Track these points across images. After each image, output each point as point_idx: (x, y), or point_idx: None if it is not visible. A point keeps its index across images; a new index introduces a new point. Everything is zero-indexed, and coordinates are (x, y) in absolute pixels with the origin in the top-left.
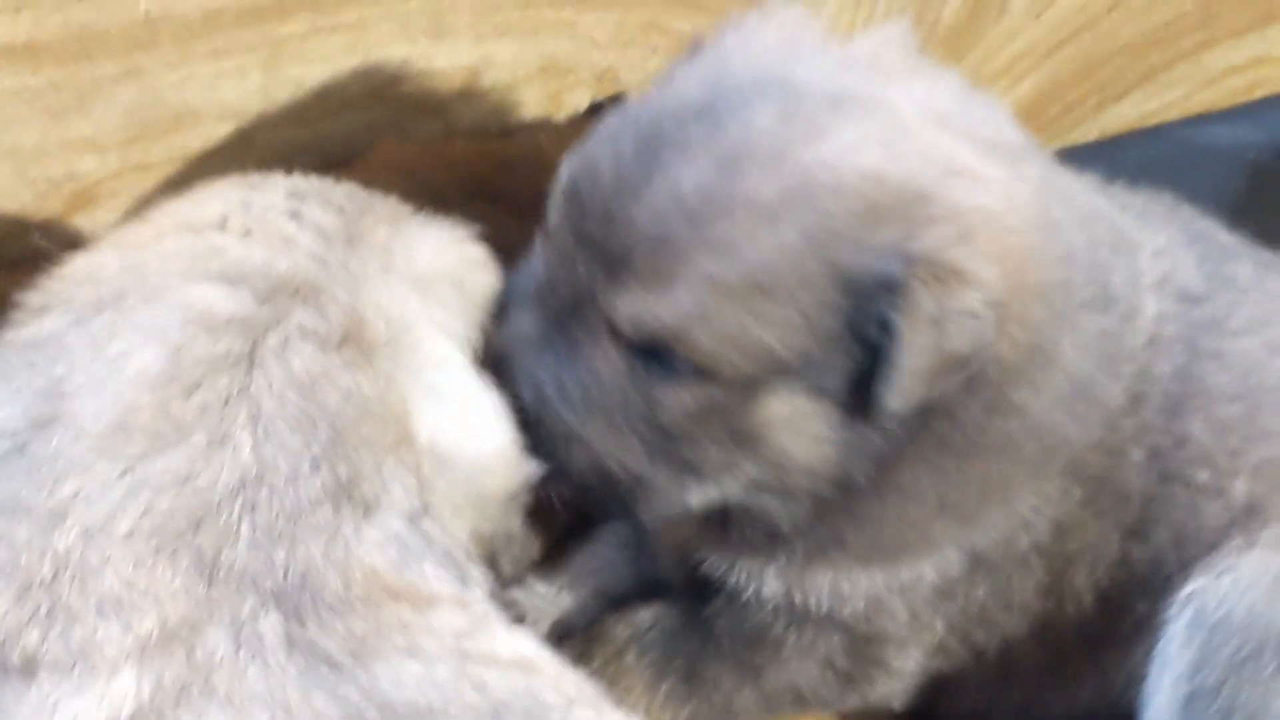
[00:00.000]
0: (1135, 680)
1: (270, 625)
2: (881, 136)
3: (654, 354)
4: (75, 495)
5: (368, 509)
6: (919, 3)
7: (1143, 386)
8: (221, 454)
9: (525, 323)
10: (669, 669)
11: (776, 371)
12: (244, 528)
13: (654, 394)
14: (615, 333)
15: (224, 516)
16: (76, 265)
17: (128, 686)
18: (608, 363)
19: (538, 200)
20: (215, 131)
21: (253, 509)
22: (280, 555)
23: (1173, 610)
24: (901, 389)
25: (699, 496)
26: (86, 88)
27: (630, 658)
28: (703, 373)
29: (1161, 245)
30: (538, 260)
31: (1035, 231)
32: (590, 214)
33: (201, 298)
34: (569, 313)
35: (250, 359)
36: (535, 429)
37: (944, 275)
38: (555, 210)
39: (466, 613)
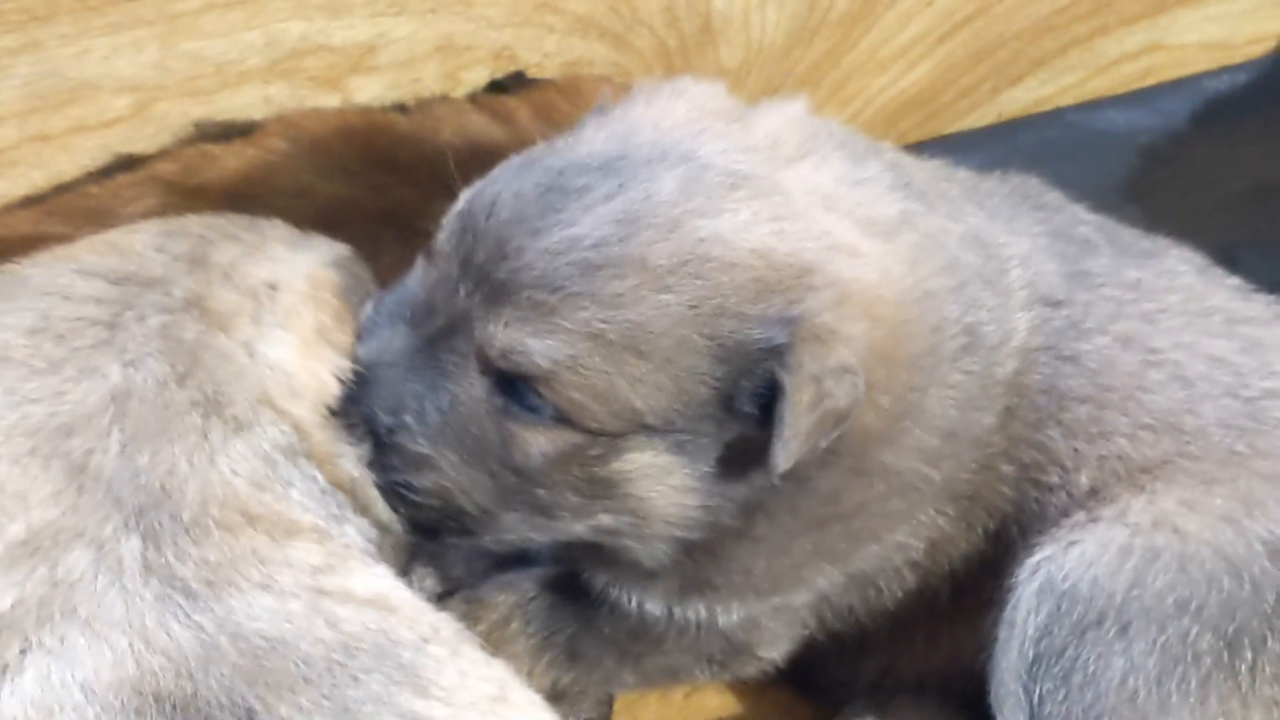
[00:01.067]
0: (986, 643)
1: (130, 549)
2: (771, 216)
3: (519, 391)
4: None
5: (239, 426)
6: None
7: (1014, 401)
8: (91, 379)
9: (393, 340)
10: (551, 642)
11: (640, 429)
12: (114, 434)
13: (513, 432)
14: (485, 362)
15: (95, 424)
16: None
17: None
18: (472, 392)
19: (436, 174)
20: (114, 104)
21: (123, 417)
22: (144, 460)
23: (1021, 576)
24: (789, 448)
25: (550, 536)
26: None
27: (515, 626)
28: (565, 420)
29: (1025, 251)
30: (415, 280)
31: (906, 303)
32: (482, 242)
33: (59, 280)
34: (441, 336)
35: (110, 323)
36: (386, 448)
37: (823, 335)
38: (445, 233)
39: (325, 547)
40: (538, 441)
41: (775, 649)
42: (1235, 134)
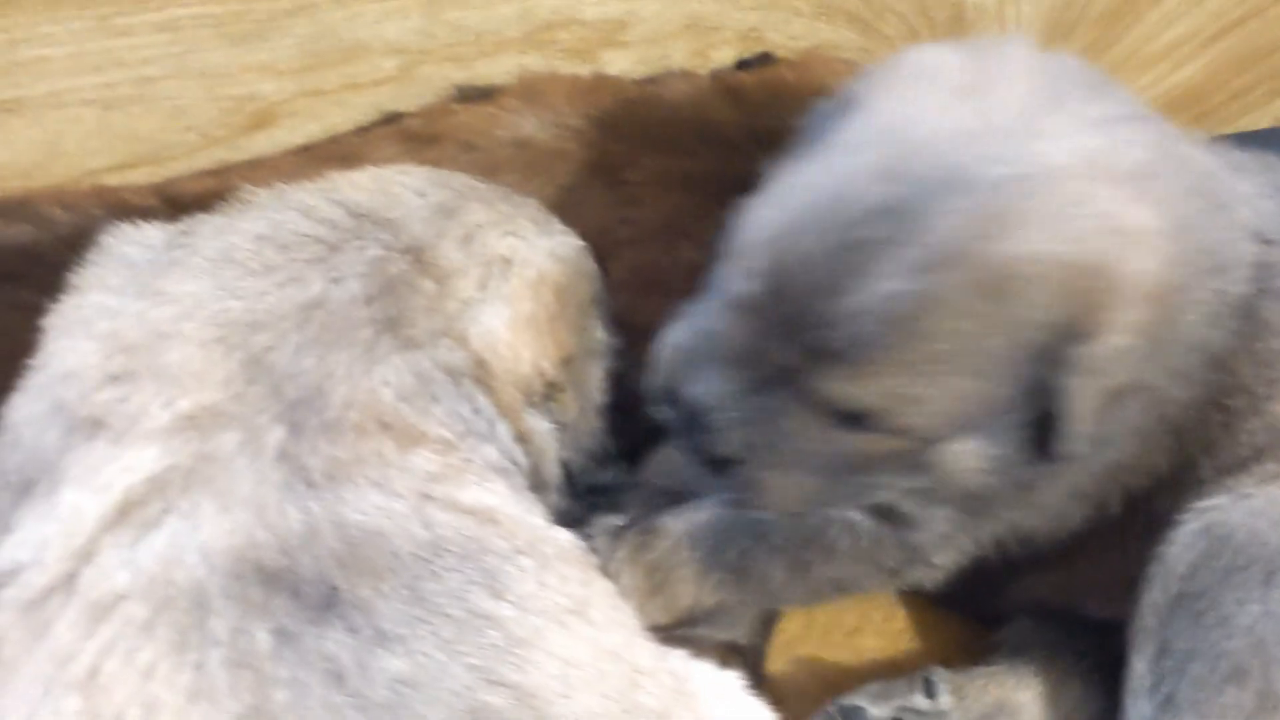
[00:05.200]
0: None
1: (273, 437)
2: (1050, 216)
3: (852, 418)
4: (178, 289)
5: (408, 344)
6: None
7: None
8: (294, 288)
9: (719, 382)
10: (719, 560)
11: (959, 427)
12: (294, 336)
13: (846, 444)
14: (816, 403)
15: (281, 325)
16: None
17: (147, 460)
18: (805, 423)
19: (648, 133)
20: (382, 65)
21: (306, 323)
22: (310, 362)
23: (1187, 516)
24: (1075, 437)
25: (850, 505)
26: (265, 19)
27: (684, 550)
28: (894, 432)
29: (1248, 192)
30: (724, 321)
31: (1171, 261)
32: (787, 308)
33: (308, 201)
34: (768, 383)
35: (333, 245)
36: (725, 474)
37: (1102, 334)
38: (753, 287)
39: (446, 458)
40: (871, 447)
41: (949, 556)
42: None
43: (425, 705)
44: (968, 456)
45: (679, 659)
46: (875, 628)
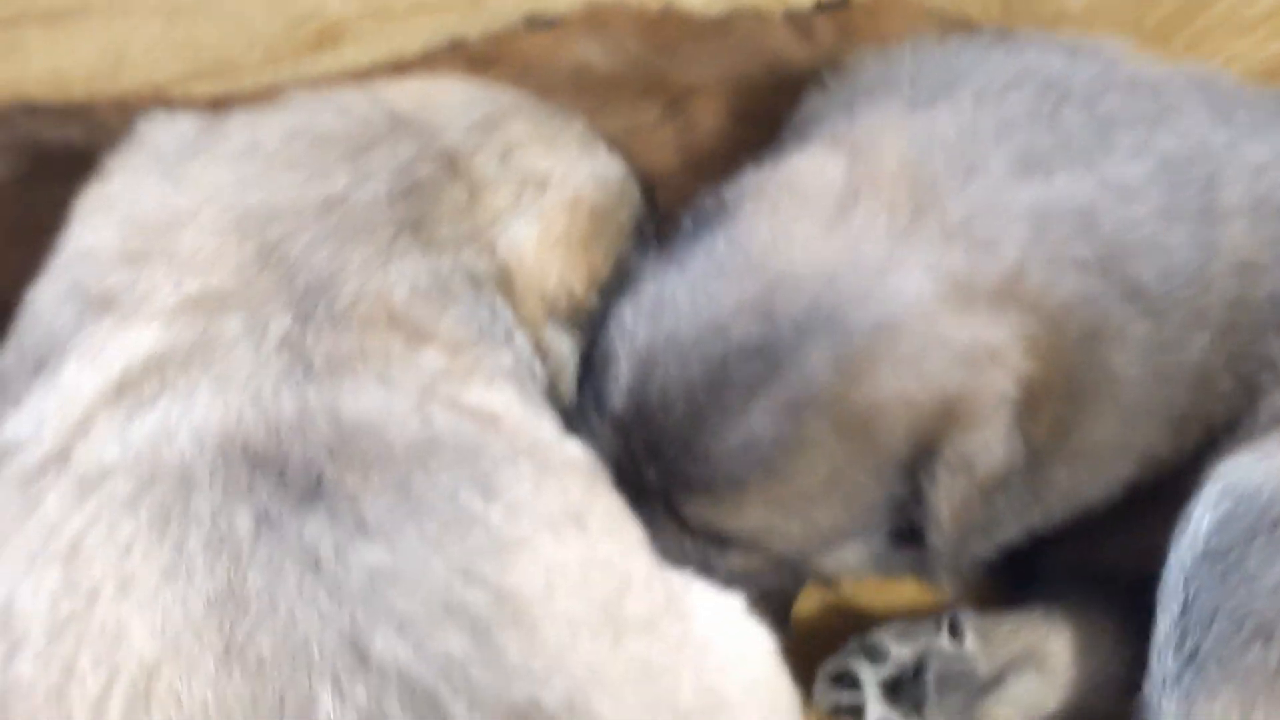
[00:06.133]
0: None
1: (279, 325)
2: (904, 357)
3: (719, 540)
4: (200, 176)
5: (428, 245)
6: None
7: (1236, 316)
8: (318, 182)
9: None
10: None
11: (828, 544)
12: (311, 228)
13: (716, 557)
14: (683, 521)
15: (300, 218)
16: None
17: (148, 339)
18: (680, 538)
19: (708, 67)
20: None
21: (326, 216)
22: (325, 254)
23: (1210, 476)
24: (946, 533)
25: None
26: None
27: None
28: (762, 554)
29: (1265, 160)
30: (600, 433)
31: (1058, 349)
32: (654, 434)
33: (348, 101)
34: (641, 492)
35: (364, 145)
36: None
37: (964, 439)
38: (622, 404)
39: (455, 359)
40: (741, 563)
41: (946, 577)
42: None
43: (400, 597)
44: (846, 559)
45: (680, 577)
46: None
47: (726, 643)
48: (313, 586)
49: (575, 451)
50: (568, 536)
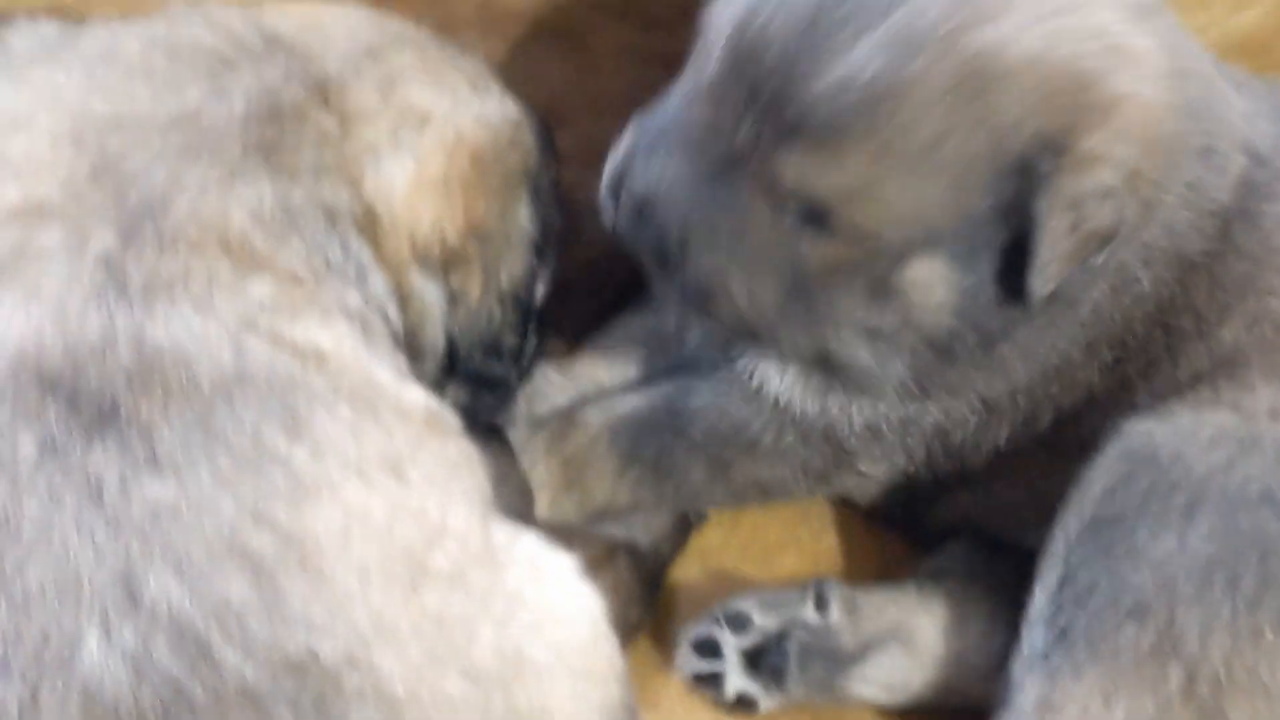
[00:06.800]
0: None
1: (100, 241)
2: (1044, 15)
3: (811, 214)
4: (44, 79)
5: (280, 171)
6: None
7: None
8: (170, 95)
9: (672, 168)
10: (637, 457)
11: (926, 241)
12: (155, 144)
13: (804, 248)
14: (776, 191)
15: (144, 131)
16: None
17: None
18: (761, 215)
19: (655, 18)
20: None
21: (173, 132)
22: (164, 172)
23: (1112, 437)
24: (1046, 273)
25: (813, 350)
26: None
27: (602, 444)
28: (857, 234)
29: (1249, 109)
30: (683, 108)
31: (1170, 102)
32: (762, 80)
33: (222, 17)
34: (725, 165)
35: (228, 61)
36: (674, 270)
37: (1088, 160)
38: (717, 66)
39: (288, 293)
40: (830, 254)
41: (877, 466)
42: None
43: (182, 535)
44: (934, 283)
45: (507, 531)
46: (800, 546)
47: (544, 601)
48: (91, 519)
49: (414, 398)
50: (379, 482)
